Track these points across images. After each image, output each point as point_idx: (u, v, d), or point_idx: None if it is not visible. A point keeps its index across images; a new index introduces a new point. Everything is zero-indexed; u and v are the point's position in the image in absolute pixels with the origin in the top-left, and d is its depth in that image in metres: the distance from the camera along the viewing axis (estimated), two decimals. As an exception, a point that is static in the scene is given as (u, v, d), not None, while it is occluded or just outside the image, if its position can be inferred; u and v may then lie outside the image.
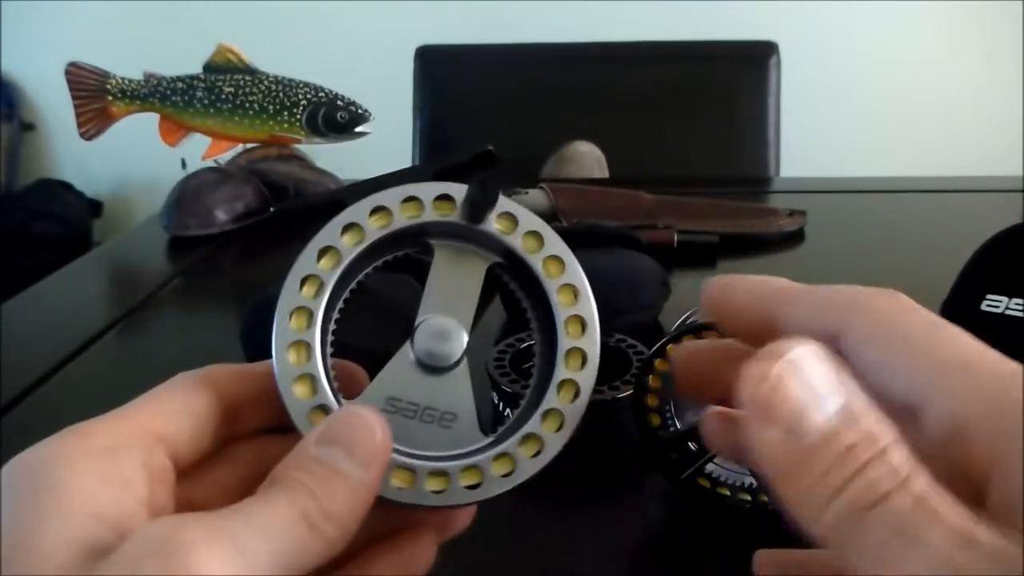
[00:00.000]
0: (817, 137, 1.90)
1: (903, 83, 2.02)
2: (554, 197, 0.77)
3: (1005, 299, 0.46)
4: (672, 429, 0.37)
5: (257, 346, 0.49)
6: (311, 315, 0.24)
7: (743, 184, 1.11)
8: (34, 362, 0.54)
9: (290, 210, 0.24)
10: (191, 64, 0.88)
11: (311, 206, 0.24)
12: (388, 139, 1.13)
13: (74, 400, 0.50)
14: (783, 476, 0.18)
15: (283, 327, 0.24)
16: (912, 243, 0.76)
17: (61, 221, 2.15)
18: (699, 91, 1.30)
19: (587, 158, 1.00)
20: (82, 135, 0.87)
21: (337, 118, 0.86)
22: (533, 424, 0.24)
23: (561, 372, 0.25)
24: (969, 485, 0.18)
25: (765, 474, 0.19)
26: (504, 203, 0.25)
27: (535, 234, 0.25)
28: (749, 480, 0.35)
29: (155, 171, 1.42)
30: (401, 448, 0.24)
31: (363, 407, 0.22)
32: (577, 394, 0.25)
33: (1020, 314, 0.45)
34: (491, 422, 0.42)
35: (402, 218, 0.25)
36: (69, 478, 0.20)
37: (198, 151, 0.89)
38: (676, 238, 0.68)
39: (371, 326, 0.29)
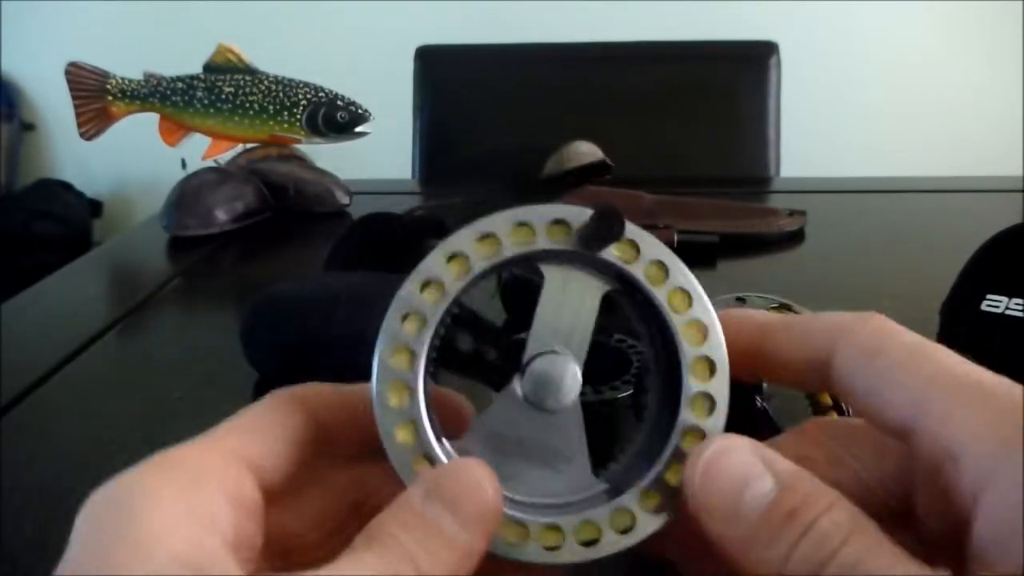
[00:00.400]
0: (817, 137, 1.90)
1: (903, 83, 2.02)
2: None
3: (1005, 299, 0.46)
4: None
5: (257, 346, 0.49)
6: (414, 354, 0.22)
7: (743, 184, 1.11)
8: (34, 362, 0.54)
9: (391, 229, 0.22)
10: (191, 64, 0.88)
11: (412, 222, 0.21)
12: (388, 139, 1.13)
13: (74, 400, 0.50)
14: (739, 557, 0.19)
15: (384, 367, 0.22)
16: (912, 243, 0.76)
17: (61, 221, 2.15)
18: (699, 91, 1.30)
19: (587, 158, 1.00)
20: (82, 135, 0.87)
21: (337, 118, 0.86)
22: (655, 476, 0.22)
23: (688, 418, 0.22)
24: (958, 514, 0.18)
25: (726, 558, 0.20)
26: (628, 229, 0.23)
27: (659, 263, 0.23)
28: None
29: (155, 171, 1.42)
30: (508, 494, 0.22)
31: (473, 461, 0.21)
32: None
33: (1020, 314, 0.45)
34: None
35: (512, 245, 0.23)
36: (151, 517, 0.18)
37: (198, 151, 0.89)
38: (676, 238, 0.68)
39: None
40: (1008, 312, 0.45)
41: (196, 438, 0.21)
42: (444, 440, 0.22)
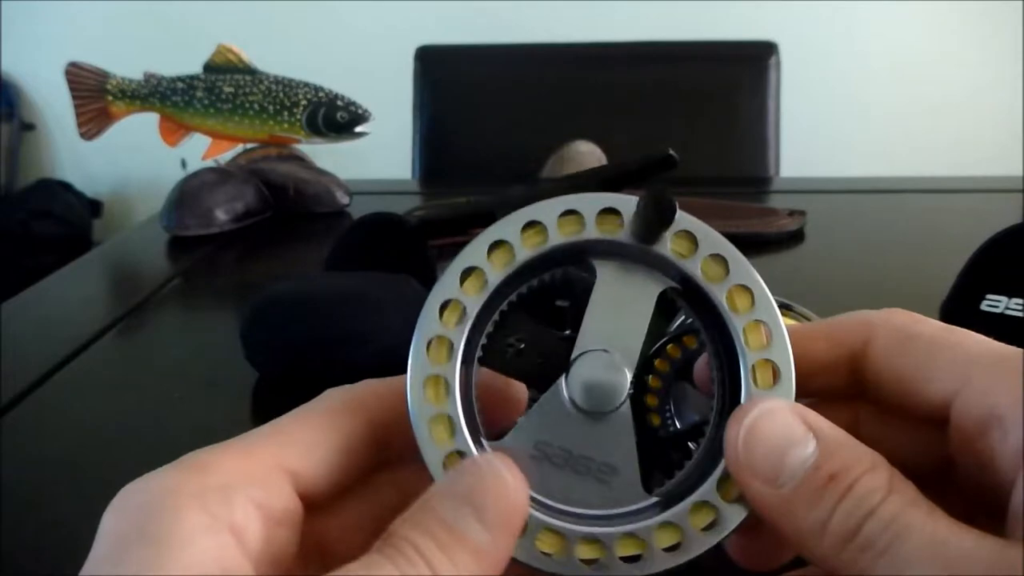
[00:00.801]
0: (817, 137, 1.90)
1: (903, 83, 2.02)
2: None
3: (1005, 299, 0.46)
4: (672, 429, 0.37)
5: (257, 346, 0.49)
6: (451, 346, 0.21)
7: (743, 184, 1.11)
8: (34, 362, 0.54)
9: (433, 221, 0.21)
10: (191, 64, 0.88)
11: (456, 217, 0.20)
12: (388, 139, 1.13)
13: (74, 400, 0.50)
14: (777, 520, 0.19)
15: (419, 359, 0.21)
16: (912, 243, 0.76)
17: (61, 221, 2.15)
18: (699, 91, 1.30)
19: (587, 158, 1.00)
20: (82, 135, 0.87)
21: (337, 118, 0.86)
22: (707, 491, 0.20)
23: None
24: (1000, 478, 0.19)
25: (766, 522, 0.20)
26: (682, 219, 0.21)
27: (718, 258, 0.21)
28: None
29: (155, 171, 1.42)
30: (547, 502, 0.21)
31: (498, 457, 0.20)
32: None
33: (1020, 314, 0.45)
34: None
35: (559, 236, 0.21)
36: (172, 529, 0.18)
37: (198, 151, 0.89)
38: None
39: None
40: (1008, 312, 0.45)
41: (238, 438, 0.21)
42: (484, 441, 0.21)
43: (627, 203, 0.21)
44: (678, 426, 0.37)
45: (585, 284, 0.22)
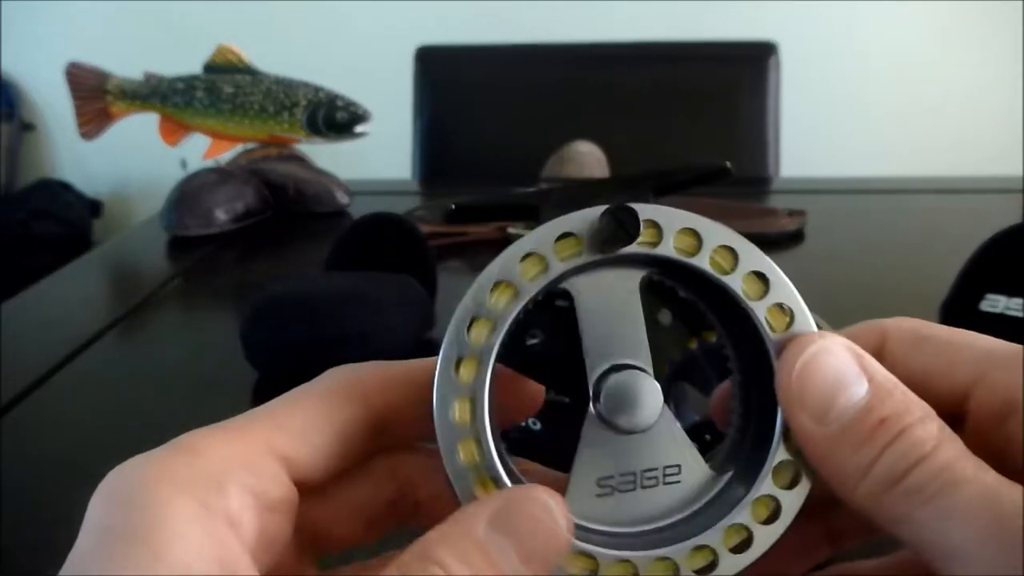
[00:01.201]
0: (817, 137, 1.90)
1: (903, 83, 2.02)
2: (554, 197, 0.77)
3: (1004, 299, 0.46)
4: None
5: (257, 346, 0.49)
6: (480, 363, 0.20)
7: (743, 184, 1.11)
8: (34, 362, 0.54)
9: (473, 208, 0.20)
10: (191, 64, 0.88)
11: (493, 207, 0.19)
12: (388, 139, 1.13)
13: (74, 400, 0.50)
14: (820, 456, 0.20)
15: (447, 377, 0.20)
16: (912, 243, 0.76)
17: (61, 221, 2.15)
18: (699, 91, 1.30)
19: (587, 158, 1.00)
20: (82, 135, 0.87)
21: (337, 118, 0.86)
22: (748, 503, 0.20)
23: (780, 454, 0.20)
24: (1016, 466, 0.19)
25: (805, 454, 0.20)
26: (643, 211, 0.21)
27: (689, 231, 0.21)
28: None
29: (155, 171, 1.42)
30: (621, 531, 0.20)
31: (542, 489, 0.19)
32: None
33: (1019, 314, 0.45)
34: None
35: (527, 283, 0.21)
36: (164, 519, 0.17)
37: (198, 151, 0.89)
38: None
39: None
40: (1007, 312, 0.45)
41: (231, 420, 0.20)
42: (510, 462, 0.21)
43: (580, 222, 0.20)
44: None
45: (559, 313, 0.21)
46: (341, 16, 2.08)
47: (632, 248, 0.20)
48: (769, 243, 0.75)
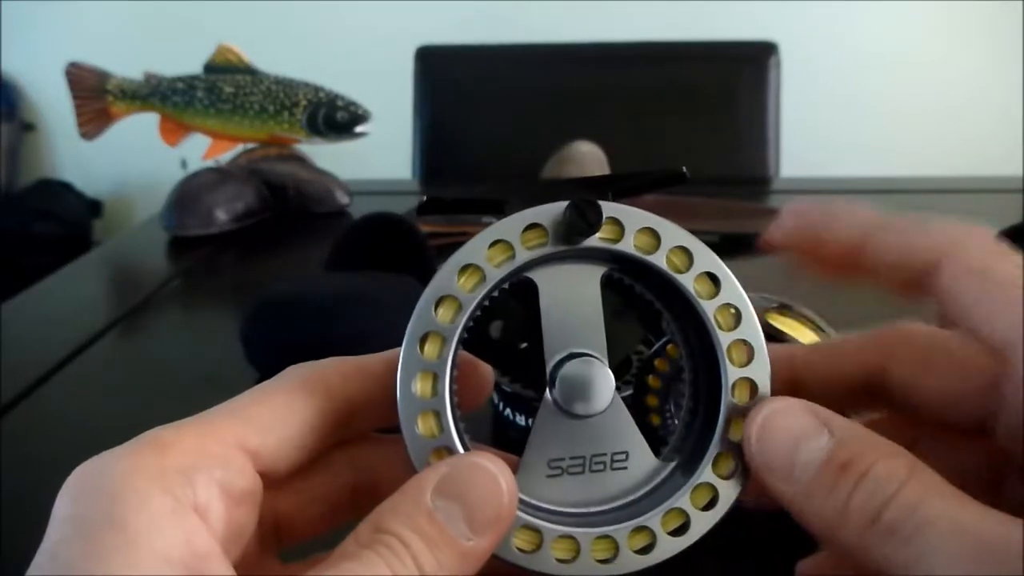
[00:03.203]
0: (817, 137, 1.90)
1: (903, 83, 2.02)
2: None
3: (1005, 299, 0.46)
4: (673, 428, 0.37)
5: (257, 346, 0.49)
6: (444, 342, 0.21)
7: (743, 184, 1.11)
8: (34, 362, 0.54)
9: (442, 202, 0.21)
10: (191, 64, 0.88)
11: (461, 201, 0.20)
12: (388, 139, 1.13)
13: (74, 400, 0.50)
14: (799, 513, 0.20)
15: (413, 353, 0.21)
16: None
17: (61, 221, 2.15)
18: (699, 91, 1.30)
19: (588, 158, 0.99)
20: (82, 135, 0.87)
21: (337, 118, 0.86)
22: (688, 489, 0.21)
23: (730, 402, 0.22)
24: None
25: (791, 514, 0.20)
26: (607, 208, 0.22)
27: (648, 231, 0.22)
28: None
29: (155, 171, 1.42)
30: (568, 510, 0.21)
31: (491, 458, 0.20)
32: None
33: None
34: (492, 423, 0.42)
35: (492, 268, 0.22)
36: (138, 512, 0.17)
37: (198, 151, 0.89)
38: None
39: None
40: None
41: (197, 416, 0.21)
42: (467, 440, 0.21)
43: (548, 213, 0.22)
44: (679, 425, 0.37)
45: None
46: (341, 16, 2.08)
47: (594, 243, 0.21)
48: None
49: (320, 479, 0.23)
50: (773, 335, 0.32)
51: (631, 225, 0.22)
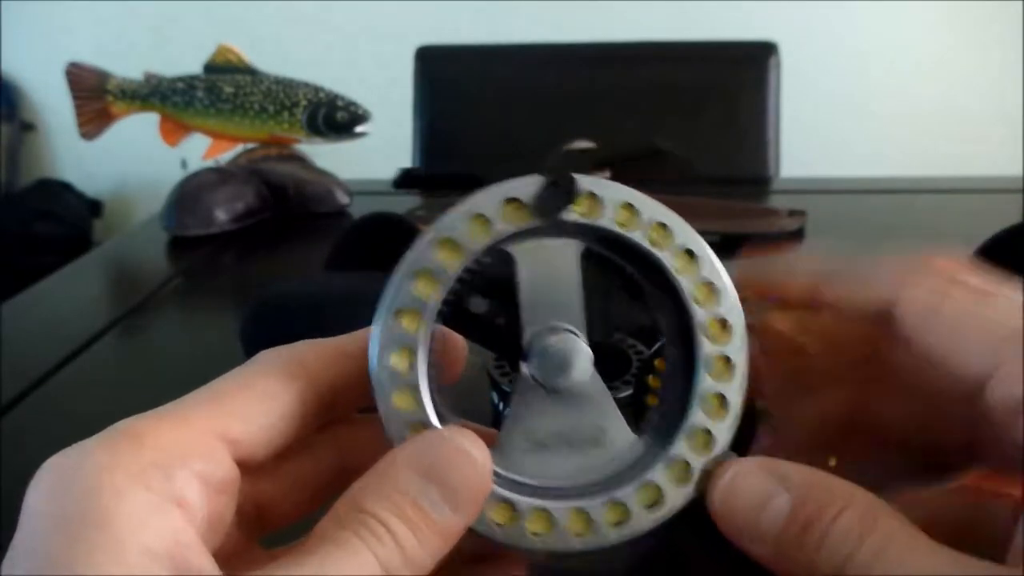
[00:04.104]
0: (817, 137, 1.90)
1: (903, 83, 2.02)
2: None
3: (1005, 299, 0.45)
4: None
5: (257, 346, 0.49)
6: (421, 316, 0.21)
7: (743, 184, 1.11)
8: (34, 362, 0.54)
9: (419, 176, 0.21)
10: (191, 64, 0.88)
11: (438, 175, 0.20)
12: (388, 139, 1.13)
13: (74, 400, 0.50)
14: (775, 569, 0.20)
15: (388, 327, 0.21)
16: (912, 243, 0.76)
17: (61, 221, 2.15)
18: (699, 91, 1.30)
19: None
20: (82, 135, 0.87)
21: (337, 118, 0.86)
22: (656, 472, 0.21)
23: (705, 382, 0.22)
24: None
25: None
26: (583, 183, 0.22)
27: (628, 206, 0.22)
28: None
29: (155, 171, 1.42)
30: (545, 485, 0.21)
31: (463, 432, 0.20)
32: (723, 408, 0.22)
33: (1020, 314, 0.45)
34: (491, 422, 0.42)
35: (471, 243, 0.21)
36: (118, 507, 0.17)
37: (198, 151, 0.89)
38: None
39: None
40: (1008, 312, 0.45)
41: (172, 404, 0.20)
42: (444, 411, 0.21)
43: (524, 187, 0.21)
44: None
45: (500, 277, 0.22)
46: (341, 16, 2.08)
47: (573, 217, 0.21)
48: (769, 243, 0.75)
49: (302, 463, 0.23)
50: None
51: (610, 200, 0.22)
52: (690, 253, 0.22)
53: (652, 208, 0.22)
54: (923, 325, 0.20)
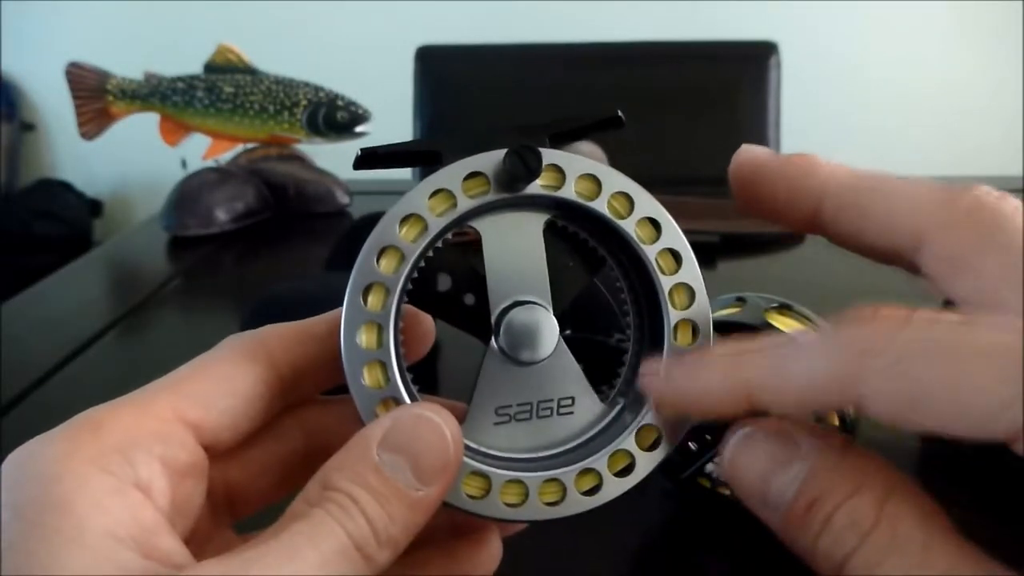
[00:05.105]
0: (817, 137, 1.90)
1: (903, 83, 2.02)
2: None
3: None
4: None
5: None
6: (388, 292, 0.21)
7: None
8: (34, 362, 0.54)
9: (376, 155, 0.21)
10: (191, 64, 0.88)
11: (397, 153, 0.20)
12: (388, 139, 1.12)
13: (74, 400, 0.50)
14: (781, 537, 0.19)
15: (355, 305, 0.20)
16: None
17: (61, 221, 2.15)
18: (699, 91, 1.30)
19: (588, 158, 1.00)
20: (82, 135, 0.87)
21: (337, 118, 0.86)
22: (624, 440, 0.22)
23: (672, 344, 0.22)
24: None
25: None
26: (546, 155, 0.22)
27: (590, 177, 0.22)
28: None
29: (155, 171, 1.42)
30: (517, 456, 0.22)
31: (435, 408, 0.20)
32: None
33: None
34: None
35: (435, 218, 0.22)
36: (78, 492, 0.17)
37: (198, 151, 0.89)
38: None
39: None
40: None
41: (131, 394, 0.20)
42: (415, 391, 0.21)
43: (488, 161, 0.21)
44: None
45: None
46: (341, 16, 2.08)
47: (536, 190, 0.22)
48: (769, 243, 0.75)
49: (270, 447, 0.23)
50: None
51: (572, 171, 0.22)
52: (653, 222, 0.22)
53: (614, 179, 0.22)
54: (849, 210, 0.20)
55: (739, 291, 0.35)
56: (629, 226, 0.22)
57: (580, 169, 0.22)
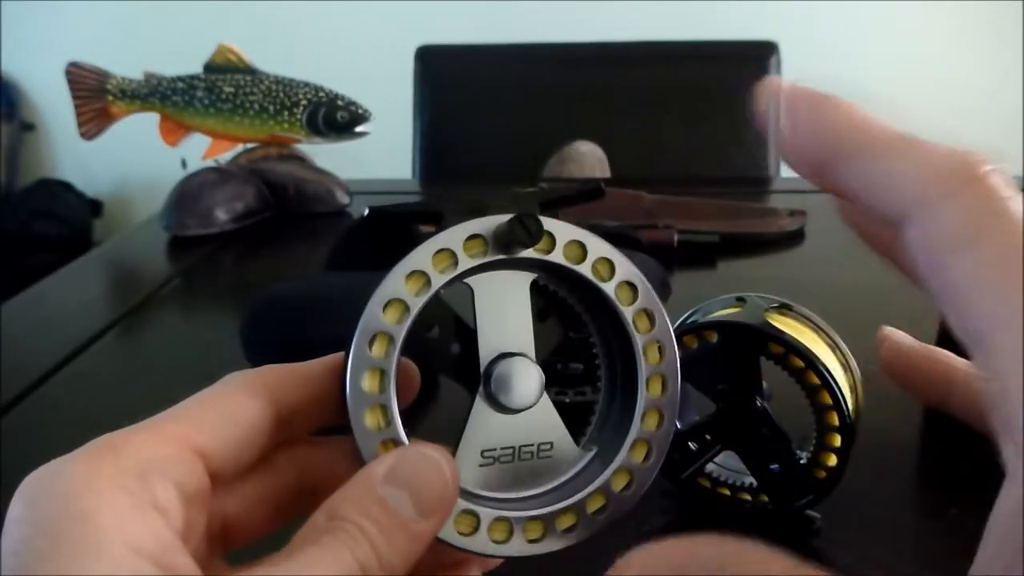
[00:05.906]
0: (817, 137, 1.90)
1: (903, 84, 2.02)
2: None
3: (1005, 299, 0.45)
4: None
5: (257, 346, 0.49)
6: (392, 341, 0.23)
7: (743, 184, 1.11)
8: (34, 362, 0.54)
9: (386, 213, 0.22)
10: (191, 64, 0.88)
11: (407, 212, 0.22)
12: (388, 139, 1.13)
13: (74, 400, 0.50)
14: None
15: (362, 352, 0.22)
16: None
17: (61, 221, 2.15)
18: (699, 91, 1.30)
19: (588, 158, 1.00)
20: (82, 135, 0.87)
21: (337, 118, 0.86)
22: (601, 481, 0.24)
23: (645, 398, 0.24)
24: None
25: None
26: (545, 223, 0.24)
27: (576, 244, 0.24)
28: (749, 480, 0.35)
29: (155, 171, 1.42)
30: (500, 496, 0.24)
31: (431, 446, 0.21)
32: (660, 421, 0.24)
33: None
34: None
35: (437, 275, 0.23)
36: (100, 508, 0.18)
37: (198, 151, 0.89)
38: (676, 238, 0.68)
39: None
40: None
41: (144, 422, 0.21)
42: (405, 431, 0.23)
43: (489, 225, 0.23)
44: (678, 426, 0.37)
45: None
46: (341, 16, 2.08)
47: (529, 252, 0.24)
48: (769, 243, 0.75)
49: (265, 480, 0.24)
50: (774, 335, 0.32)
51: (561, 237, 0.24)
52: (631, 286, 0.24)
53: (598, 245, 0.24)
54: (937, 266, 0.19)
55: (739, 291, 0.35)
56: (610, 289, 0.24)
57: (568, 236, 0.24)
